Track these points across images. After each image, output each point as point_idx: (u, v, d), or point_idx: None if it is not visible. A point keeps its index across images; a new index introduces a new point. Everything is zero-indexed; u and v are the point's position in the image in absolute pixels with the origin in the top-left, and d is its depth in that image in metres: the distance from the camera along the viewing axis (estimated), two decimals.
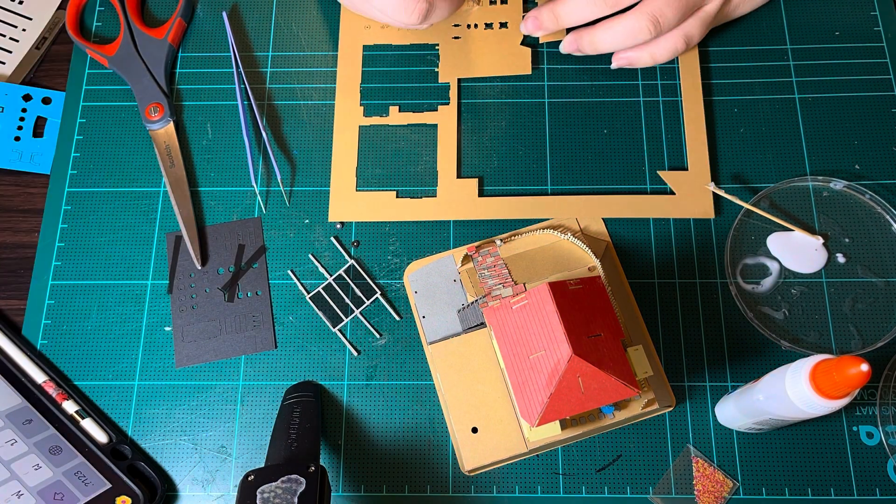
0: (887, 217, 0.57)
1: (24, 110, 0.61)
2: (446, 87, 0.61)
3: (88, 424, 0.53)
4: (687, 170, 0.58)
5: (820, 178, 0.57)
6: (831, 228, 0.57)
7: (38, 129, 0.61)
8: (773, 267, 0.55)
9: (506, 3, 0.62)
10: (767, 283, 0.55)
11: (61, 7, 0.65)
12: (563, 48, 0.60)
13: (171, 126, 0.60)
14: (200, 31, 0.64)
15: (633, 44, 0.57)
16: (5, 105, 0.61)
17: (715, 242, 0.57)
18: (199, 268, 0.57)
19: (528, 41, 0.62)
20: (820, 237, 0.56)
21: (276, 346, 0.55)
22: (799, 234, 0.56)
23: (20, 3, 0.65)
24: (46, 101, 0.62)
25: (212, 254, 0.57)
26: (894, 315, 0.55)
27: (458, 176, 0.59)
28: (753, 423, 0.48)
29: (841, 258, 0.56)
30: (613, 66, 0.60)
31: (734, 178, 0.58)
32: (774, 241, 0.56)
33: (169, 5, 0.65)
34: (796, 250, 0.56)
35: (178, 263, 0.57)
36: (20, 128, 0.61)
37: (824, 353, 0.42)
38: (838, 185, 0.57)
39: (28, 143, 0.60)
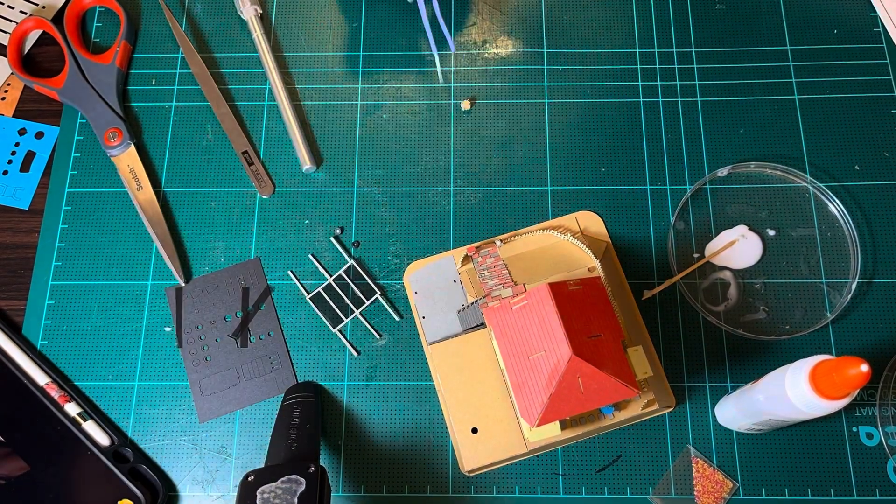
0: (778, 173, 0.58)
1: (17, 144, 0.60)
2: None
3: (90, 427, 0.53)
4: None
5: (707, 174, 0.58)
6: (744, 211, 0.57)
7: (28, 162, 0.61)
8: (728, 276, 0.56)
9: None
10: (733, 293, 0.55)
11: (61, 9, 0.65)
12: None
13: (132, 149, 0.60)
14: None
15: None
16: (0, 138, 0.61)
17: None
18: (184, 284, 0.56)
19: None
20: (741, 225, 0.56)
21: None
22: (723, 234, 0.56)
23: None
24: (39, 135, 0.61)
25: (217, 301, 0.56)
26: (845, 252, 0.56)
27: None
28: (753, 423, 0.48)
29: (771, 232, 0.56)
30: None
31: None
32: (710, 252, 0.56)
33: (111, 31, 0.64)
34: (731, 249, 0.56)
35: (182, 316, 0.56)
36: (10, 161, 0.60)
37: (824, 354, 0.42)
38: (724, 171, 0.58)
39: (14, 177, 0.60)
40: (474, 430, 0.52)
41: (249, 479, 0.44)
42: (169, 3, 0.65)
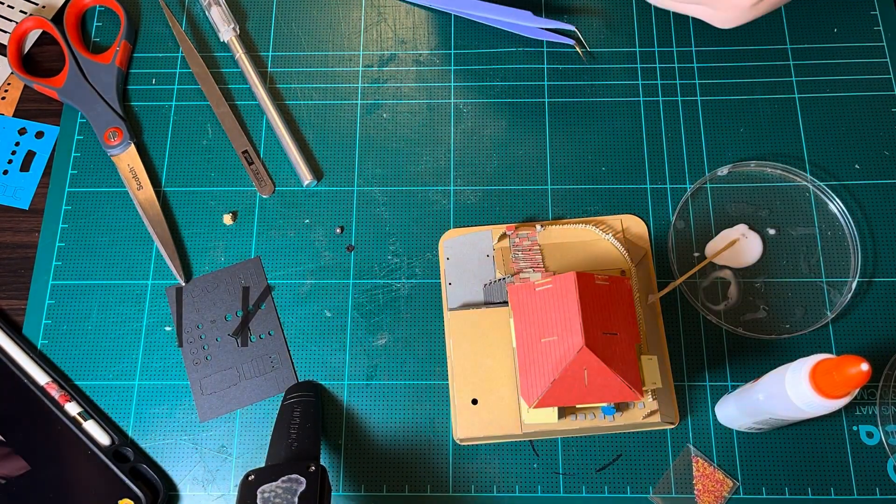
0: (779, 172, 0.58)
1: (17, 144, 0.60)
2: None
3: (91, 426, 0.53)
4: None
5: (707, 173, 0.58)
6: (744, 210, 0.57)
7: (28, 162, 0.61)
8: (728, 275, 0.56)
9: None
10: (733, 293, 0.55)
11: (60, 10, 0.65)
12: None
13: (132, 148, 0.60)
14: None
15: None
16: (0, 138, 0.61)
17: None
18: (184, 284, 0.56)
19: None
20: (741, 224, 0.56)
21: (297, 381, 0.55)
22: (723, 233, 0.56)
23: None
24: (39, 135, 0.61)
25: (217, 300, 0.56)
26: (845, 251, 0.56)
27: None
28: (753, 422, 0.48)
29: (771, 231, 0.56)
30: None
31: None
32: (710, 251, 0.56)
33: (111, 30, 0.64)
34: (731, 248, 0.56)
35: (183, 315, 0.56)
36: (10, 161, 0.60)
37: (824, 353, 0.42)
38: (724, 170, 0.58)
39: (14, 177, 0.60)
40: (474, 402, 0.51)
41: (250, 478, 0.44)
42: (169, 2, 0.65)
